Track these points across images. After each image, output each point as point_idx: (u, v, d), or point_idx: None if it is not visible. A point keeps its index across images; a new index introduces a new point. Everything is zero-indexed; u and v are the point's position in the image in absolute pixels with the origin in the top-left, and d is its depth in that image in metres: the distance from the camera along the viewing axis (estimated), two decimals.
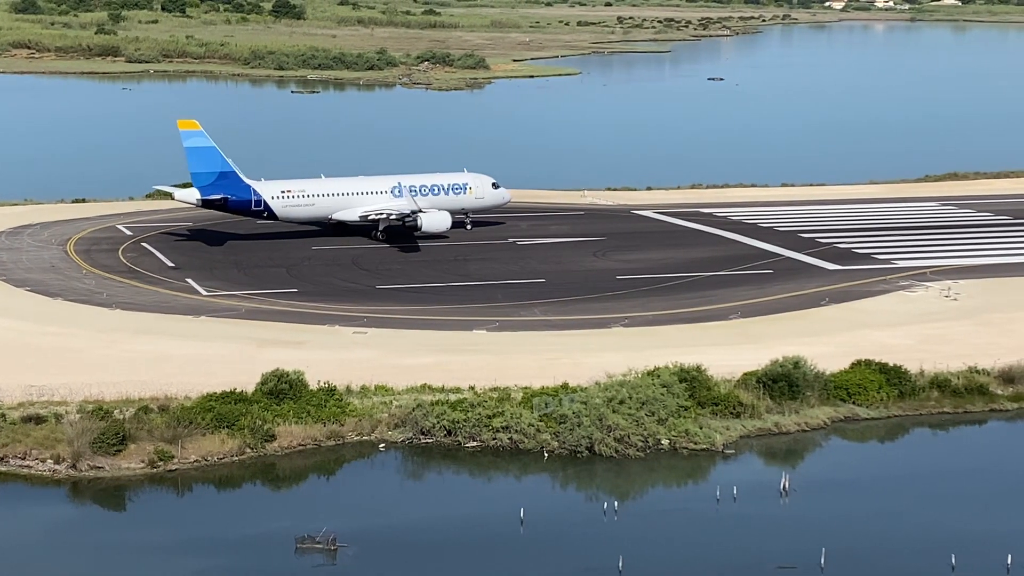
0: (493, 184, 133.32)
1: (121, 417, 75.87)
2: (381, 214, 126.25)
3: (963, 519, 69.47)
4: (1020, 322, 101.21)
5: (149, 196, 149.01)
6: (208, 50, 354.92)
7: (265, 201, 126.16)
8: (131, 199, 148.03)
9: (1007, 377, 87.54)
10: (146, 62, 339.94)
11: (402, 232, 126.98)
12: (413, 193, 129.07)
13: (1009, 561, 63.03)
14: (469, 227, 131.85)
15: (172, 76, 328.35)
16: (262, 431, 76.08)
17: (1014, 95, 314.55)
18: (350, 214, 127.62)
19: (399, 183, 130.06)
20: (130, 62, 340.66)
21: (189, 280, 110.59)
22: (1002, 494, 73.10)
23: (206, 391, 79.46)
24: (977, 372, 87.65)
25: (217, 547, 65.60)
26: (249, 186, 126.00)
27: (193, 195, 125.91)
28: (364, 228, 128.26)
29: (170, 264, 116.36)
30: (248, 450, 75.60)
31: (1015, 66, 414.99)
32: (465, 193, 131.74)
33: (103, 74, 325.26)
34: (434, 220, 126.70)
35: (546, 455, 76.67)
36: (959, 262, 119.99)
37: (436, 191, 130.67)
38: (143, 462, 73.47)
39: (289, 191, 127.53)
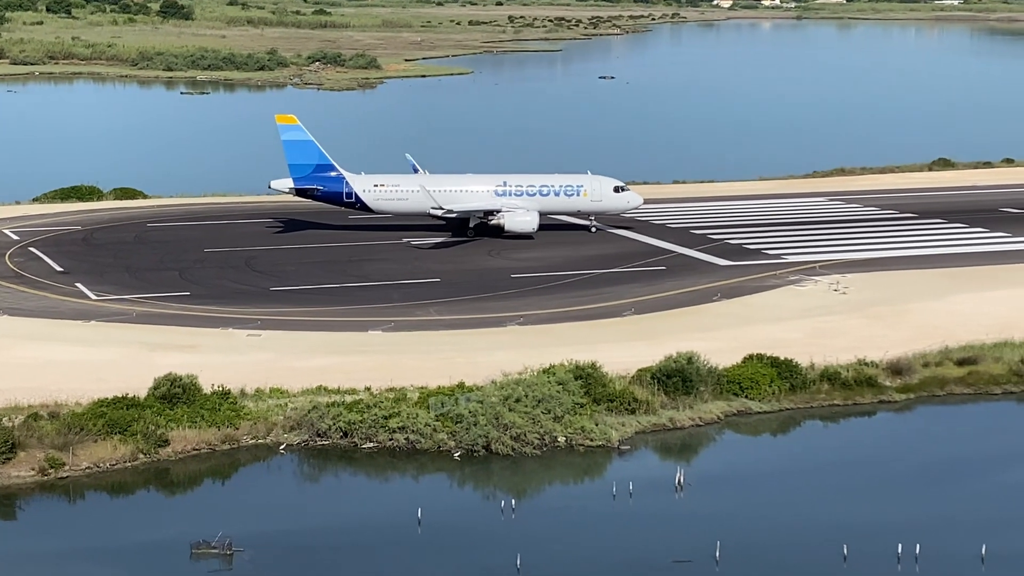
0: (615, 188, 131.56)
1: (10, 424, 74.50)
2: (454, 212, 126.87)
3: (854, 510, 70.57)
4: (907, 315, 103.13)
5: (36, 200, 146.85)
6: (95, 51, 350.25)
7: (356, 193, 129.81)
8: (18, 203, 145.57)
9: (895, 369, 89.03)
10: (31, 64, 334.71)
11: (491, 231, 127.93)
12: (519, 194, 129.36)
13: (900, 550, 64.16)
14: (594, 230, 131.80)
15: (58, 78, 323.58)
16: (155, 436, 75.19)
17: (897, 90, 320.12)
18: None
19: (505, 182, 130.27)
20: (14, 64, 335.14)
21: (78, 284, 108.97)
22: (891, 484, 74.41)
23: (97, 397, 78.33)
24: (866, 364, 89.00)
25: (111, 554, 64.71)
26: (343, 178, 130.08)
27: (287, 184, 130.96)
28: (461, 224, 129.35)
29: (59, 269, 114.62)
30: (141, 456, 74.67)
31: (898, 62, 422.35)
32: (579, 196, 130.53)
33: None
34: (517, 220, 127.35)
35: (455, 455, 76.47)
36: (847, 256, 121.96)
37: (546, 192, 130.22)
38: (33, 470, 72.24)
39: (382, 185, 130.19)
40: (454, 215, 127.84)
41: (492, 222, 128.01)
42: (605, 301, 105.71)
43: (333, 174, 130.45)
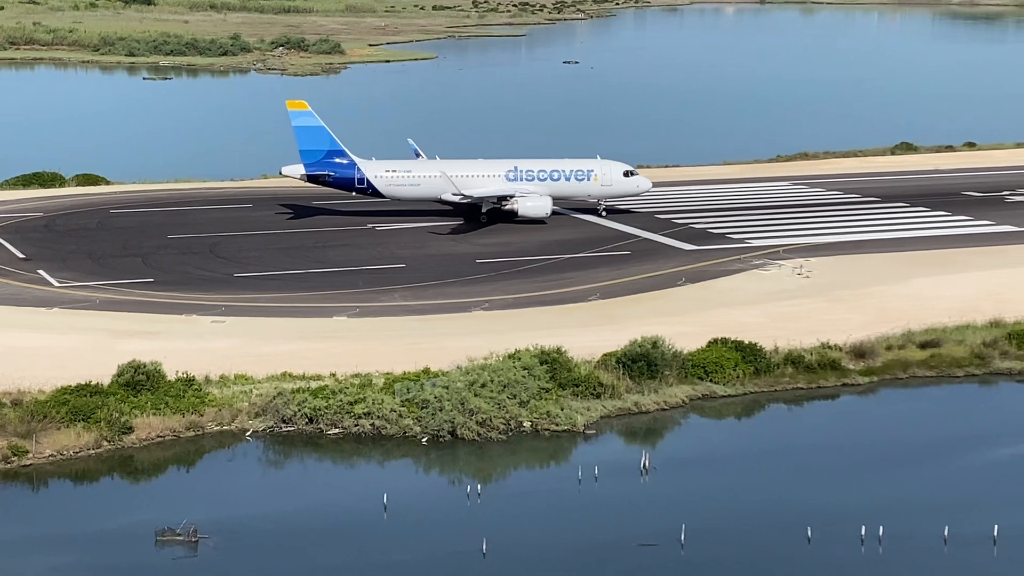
0: (625, 172, 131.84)
1: None
2: (470, 197, 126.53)
3: (818, 492, 71.03)
4: (870, 298, 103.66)
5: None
6: (56, 37, 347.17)
7: (368, 179, 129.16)
8: None
9: (858, 352, 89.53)
10: None
11: (504, 216, 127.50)
12: (530, 179, 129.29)
13: (863, 532, 64.59)
14: (603, 214, 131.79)
15: (19, 63, 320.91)
16: (119, 423, 74.92)
17: (860, 74, 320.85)
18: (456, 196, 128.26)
19: (515, 167, 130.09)
20: None
21: (41, 271, 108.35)
22: (854, 466, 74.86)
23: (60, 384, 77.99)
24: (829, 348, 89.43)
25: (75, 542, 64.49)
26: (355, 164, 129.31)
27: (298, 170, 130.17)
28: (472, 210, 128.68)
29: (21, 255, 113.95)
30: (105, 443, 74.40)
31: (860, 46, 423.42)
32: (589, 180, 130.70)
33: None
34: (531, 205, 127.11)
35: (421, 441, 76.44)
36: (810, 240, 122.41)
37: (556, 177, 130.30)
38: None
39: (394, 170, 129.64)
40: (468, 201, 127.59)
41: (505, 207, 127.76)
42: (570, 286, 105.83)
43: (344, 160, 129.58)
